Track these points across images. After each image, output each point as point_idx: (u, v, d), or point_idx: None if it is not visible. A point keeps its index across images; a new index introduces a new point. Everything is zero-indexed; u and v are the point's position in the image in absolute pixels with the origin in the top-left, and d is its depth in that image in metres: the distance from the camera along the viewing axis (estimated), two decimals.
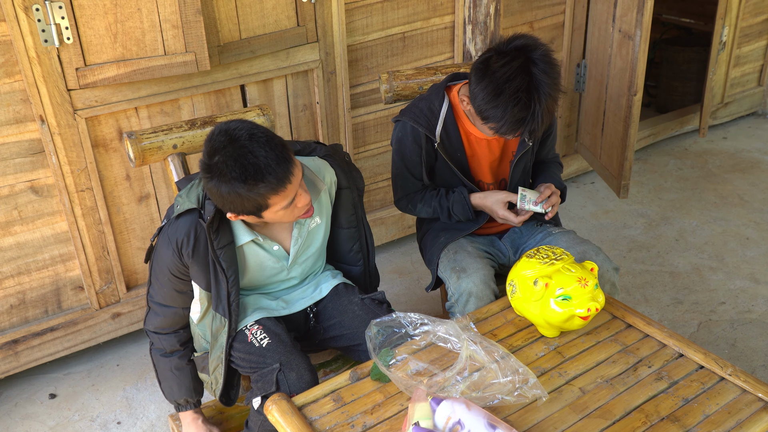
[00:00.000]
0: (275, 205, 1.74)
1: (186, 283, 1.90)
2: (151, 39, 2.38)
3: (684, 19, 5.17)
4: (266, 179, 1.66)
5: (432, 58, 3.18)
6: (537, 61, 1.94)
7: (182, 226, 1.81)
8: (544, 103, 1.95)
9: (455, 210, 2.26)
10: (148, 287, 1.95)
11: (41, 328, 2.65)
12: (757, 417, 1.62)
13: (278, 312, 2.02)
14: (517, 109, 1.95)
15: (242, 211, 1.75)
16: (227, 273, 1.83)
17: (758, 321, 2.94)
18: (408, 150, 2.24)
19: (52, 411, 2.65)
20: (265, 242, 1.92)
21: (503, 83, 1.94)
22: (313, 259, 2.07)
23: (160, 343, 1.98)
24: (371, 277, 2.21)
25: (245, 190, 1.67)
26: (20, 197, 2.48)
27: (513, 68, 1.93)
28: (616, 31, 3.28)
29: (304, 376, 1.82)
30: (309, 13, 2.75)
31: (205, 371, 1.99)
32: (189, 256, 1.82)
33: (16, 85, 2.33)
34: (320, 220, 2.01)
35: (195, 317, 1.94)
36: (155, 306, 1.94)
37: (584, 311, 1.76)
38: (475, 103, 2.03)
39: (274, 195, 1.71)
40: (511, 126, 1.99)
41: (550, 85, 1.95)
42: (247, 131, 1.67)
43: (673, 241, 3.51)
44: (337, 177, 2.02)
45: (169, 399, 2.04)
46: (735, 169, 4.18)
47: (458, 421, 1.50)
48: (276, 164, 1.67)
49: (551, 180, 2.33)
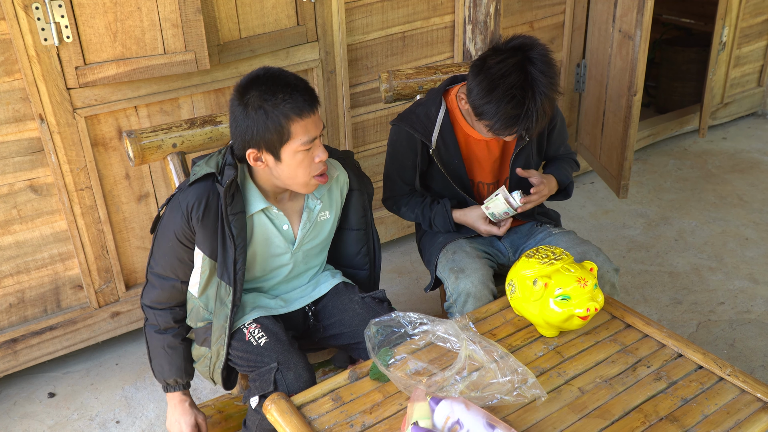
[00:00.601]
0: (296, 138, 1.78)
1: (188, 251, 1.90)
2: (150, 38, 2.38)
3: (684, 20, 5.18)
4: (294, 97, 1.76)
5: (432, 57, 3.18)
6: (534, 60, 1.94)
7: (194, 192, 1.84)
8: (539, 101, 1.95)
9: (436, 221, 2.29)
10: (149, 259, 1.95)
11: (40, 327, 2.65)
12: (756, 417, 1.62)
13: (277, 310, 2.02)
14: (510, 106, 1.94)
15: (264, 138, 1.78)
16: (236, 240, 1.84)
17: (757, 321, 2.94)
18: (400, 155, 2.26)
19: (51, 410, 2.65)
20: (276, 217, 1.93)
21: (497, 79, 1.94)
22: (316, 252, 2.07)
23: (155, 318, 1.97)
24: (376, 283, 2.22)
25: (272, 105, 1.75)
26: (19, 196, 2.48)
27: (509, 65, 1.94)
28: (616, 31, 3.28)
29: (302, 376, 1.82)
30: (309, 12, 2.75)
31: (206, 344, 1.97)
32: (198, 220, 1.83)
33: (15, 84, 2.33)
34: (329, 215, 2.03)
35: (195, 290, 1.93)
36: (153, 278, 1.95)
37: (583, 311, 1.76)
38: (470, 98, 2.03)
39: (298, 119, 1.77)
40: (504, 123, 1.98)
41: (545, 85, 1.95)
42: (280, 68, 1.84)
43: (673, 242, 3.51)
44: (349, 178, 2.06)
45: (158, 378, 2.02)
46: (734, 170, 4.19)
47: (457, 421, 1.50)
48: (305, 90, 1.79)
49: (556, 172, 2.32)
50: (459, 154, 2.23)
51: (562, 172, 2.34)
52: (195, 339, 2.01)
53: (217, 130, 2.15)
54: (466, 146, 2.24)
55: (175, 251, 1.90)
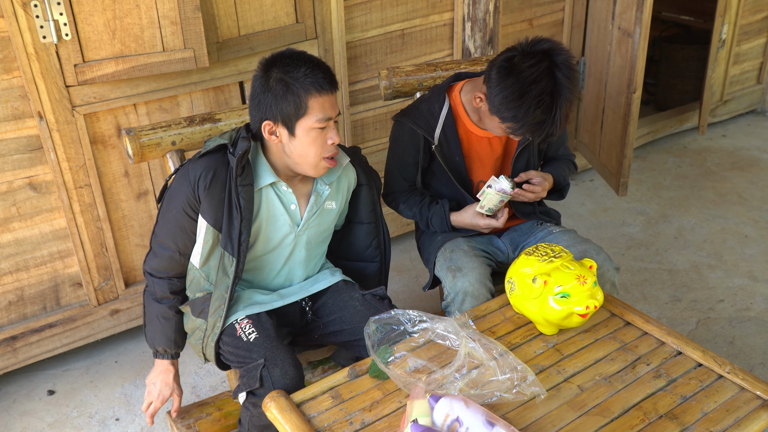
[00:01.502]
0: (312, 112, 1.83)
1: (191, 222, 1.91)
2: (149, 35, 2.38)
3: (683, 17, 5.18)
4: (315, 73, 1.82)
5: (431, 55, 3.18)
6: (561, 66, 1.95)
7: (204, 162, 1.88)
8: (563, 107, 1.97)
9: (434, 221, 2.30)
10: (154, 226, 1.98)
11: (39, 325, 2.65)
12: (756, 415, 1.62)
13: (271, 304, 2.01)
14: (539, 111, 1.95)
15: (282, 111, 1.83)
16: (243, 212, 1.86)
17: (756, 319, 2.95)
18: (401, 151, 2.26)
19: (51, 407, 2.65)
20: (285, 195, 1.95)
21: (529, 84, 1.94)
22: (318, 242, 2.08)
23: (153, 286, 2.00)
24: (386, 275, 2.24)
25: (293, 78, 1.81)
26: (18, 194, 2.47)
27: (540, 70, 1.94)
28: (616, 28, 3.28)
29: (288, 372, 1.82)
30: (308, 9, 2.75)
31: (203, 315, 1.98)
32: (205, 189, 1.85)
33: (14, 82, 2.33)
34: (335, 205, 2.05)
35: (197, 260, 1.94)
36: (156, 246, 1.98)
37: (583, 309, 1.76)
38: (494, 101, 2.02)
39: (316, 94, 1.82)
40: (531, 128, 1.99)
41: (570, 90, 1.97)
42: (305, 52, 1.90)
43: (672, 239, 3.51)
44: (357, 174, 2.09)
45: (149, 343, 2.06)
46: (734, 167, 4.19)
47: (456, 419, 1.50)
48: (326, 70, 1.85)
49: (554, 171, 2.33)
50: (461, 151, 2.23)
51: (559, 172, 2.35)
52: (191, 310, 2.01)
53: (216, 127, 2.15)
54: (468, 143, 2.24)
55: (177, 220, 1.91)
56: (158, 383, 2.08)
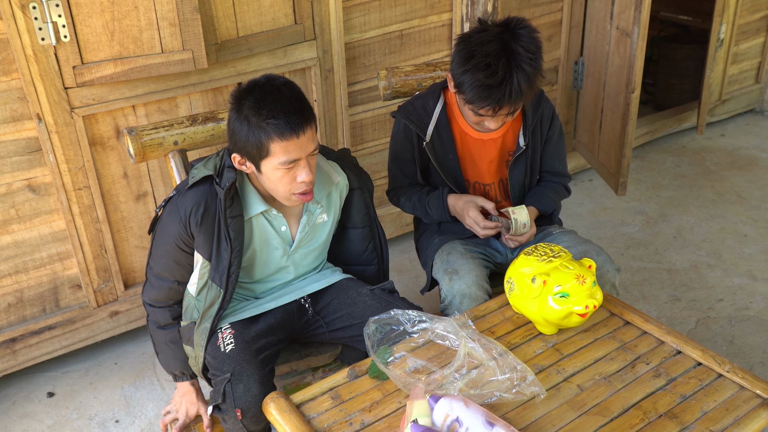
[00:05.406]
0: (274, 155, 1.75)
1: (187, 256, 1.90)
2: (148, 37, 2.37)
3: (682, 17, 5.18)
4: (277, 118, 1.72)
5: (430, 55, 3.18)
6: (519, 36, 1.93)
7: (192, 196, 1.84)
8: (515, 75, 1.91)
9: (431, 204, 2.25)
10: (148, 258, 1.97)
11: (39, 327, 2.65)
12: (755, 413, 1.62)
13: (264, 306, 2.01)
14: (484, 74, 1.91)
15: (245, 149, 1.77)
16: (233, 243, 1.84)
17: (756, 318, 2.95)
18: (399, 146, 2.26)
19: (50, 409, 2.65)
20: (275, 219, 1.93)
21: (476, 46, 1.93)
22: (314, 256, 2.07)
23: (155, 315, 1.99)
24: (386, 277, 2.23)
25: (256, 120, 1.73)
26: (17, 196, 2.47)
27: (489, 35, 1.94)
28: (614, 28, 3.28)
29: (251, 389, 1.78)
30: (306, 10, 2.75)
31: (190, 343, 1.97)
32: (197, 224, 1.83)
33: (13, 84, 2.33)
34: (327, 217, 2.03)
35: (193, 289, 1.93)
36: (152, 277, 1.96)
37: (582, 308, 1.76)
38: (451, 72, 2.02)
39: (278, 139, 1.73)
40: (477, 92, 1.94)
41: (524, 59, 1.92)
42: (286, 80, 1.80)
43: (671, 239, 3.52)
44: (349, 179, 2.06)
45: (166, 370, 2.06)
46: (733, 167, 4.19)
47: (456, 419, 1.50)
48: (293, 112, 1.73)
49: (538, 203, 2.28)
50: (454, 150, 2.22)
51: (545, 201, 2.29)
52: (182, 337, 2.01)
53: (218, 127, 2.14)
54: (462, 143, 2.23)
55: (172, 255, 1.90)
56: (184, 403, 2.08)
